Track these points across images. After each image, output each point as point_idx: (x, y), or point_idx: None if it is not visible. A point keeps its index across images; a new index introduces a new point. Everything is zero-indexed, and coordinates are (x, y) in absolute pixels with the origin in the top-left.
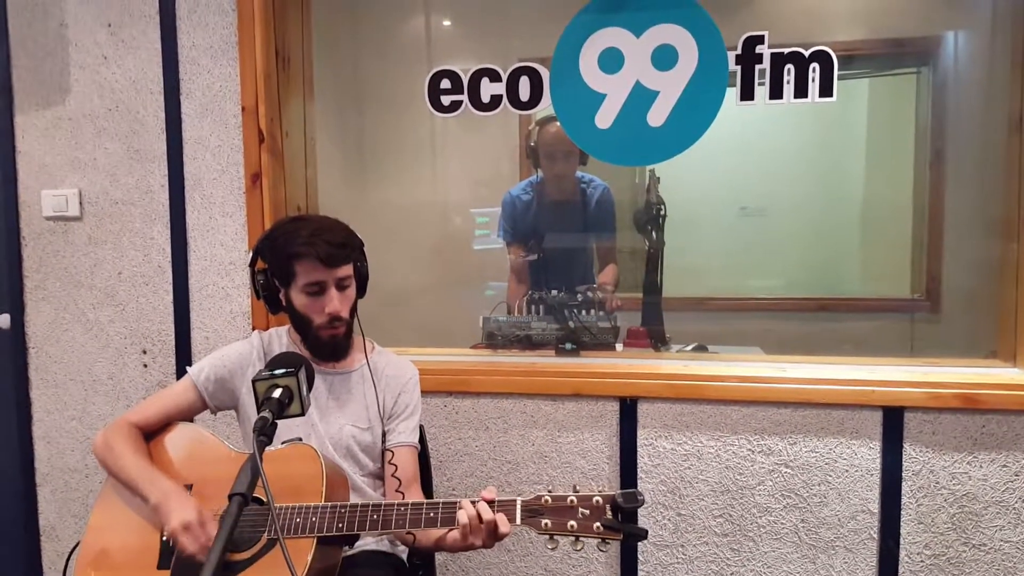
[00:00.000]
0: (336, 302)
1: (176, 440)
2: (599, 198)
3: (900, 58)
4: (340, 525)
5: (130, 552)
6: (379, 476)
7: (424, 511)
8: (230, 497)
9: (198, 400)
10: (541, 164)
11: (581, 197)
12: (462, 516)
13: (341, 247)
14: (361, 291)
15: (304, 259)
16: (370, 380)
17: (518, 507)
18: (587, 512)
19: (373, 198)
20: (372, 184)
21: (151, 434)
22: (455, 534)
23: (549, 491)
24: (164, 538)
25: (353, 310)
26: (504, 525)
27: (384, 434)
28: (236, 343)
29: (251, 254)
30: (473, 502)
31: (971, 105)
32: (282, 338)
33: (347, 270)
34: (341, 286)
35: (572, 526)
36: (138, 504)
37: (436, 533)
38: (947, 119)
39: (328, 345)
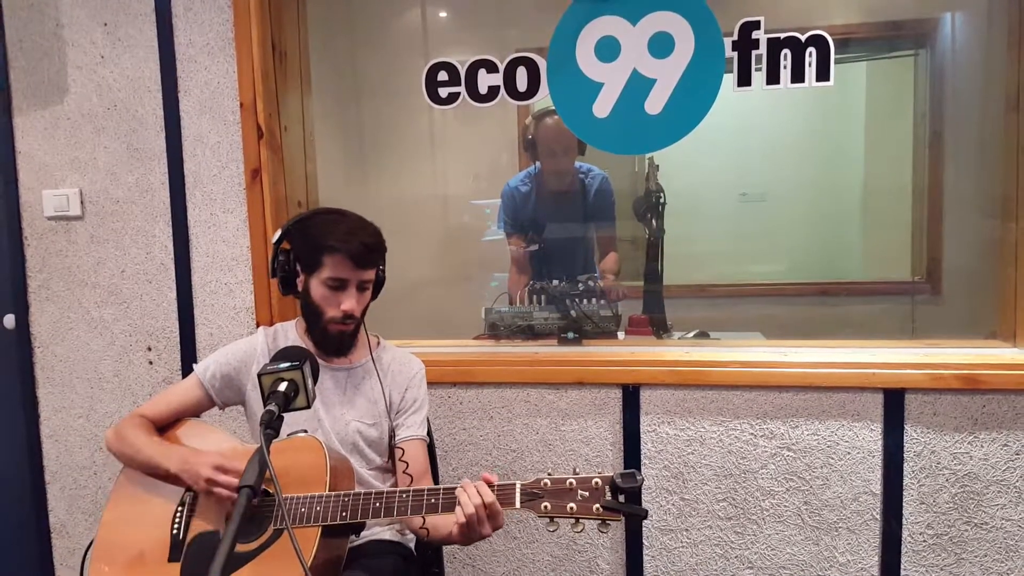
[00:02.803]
0: (353, 301)
1: (184, 436)
2: (598, 187)
3: (897, 41)
4: (344, 514)
5: (141, 546)
6: (387, 470)
7: (425, 497)
8: (239, 489)
9: (205, 398)
10: (540, 158)
11: (580, 187)
12: (462, 496)
13: (374, 251)
14: (374, 295)
15: (336, 253)
16: (375, 375)
17: (517, 490)
18: (586, 494)
19: (373, 191)
20: (372, 177)
21: (160, 430)
22: (460, 523)
23: (549, 474)
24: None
25: (365, 310)
26: (497, 503)
27: (391, 429)
28: (242, 340)
29: (278, 232)
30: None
31: (969, 86)
32: (288, 333)
33: (371, 274)
34: (361, 287)
35: (572, 508)
36: (150, 497)
37: (445, 525)
38: (945, 101)
39: (334, 340)
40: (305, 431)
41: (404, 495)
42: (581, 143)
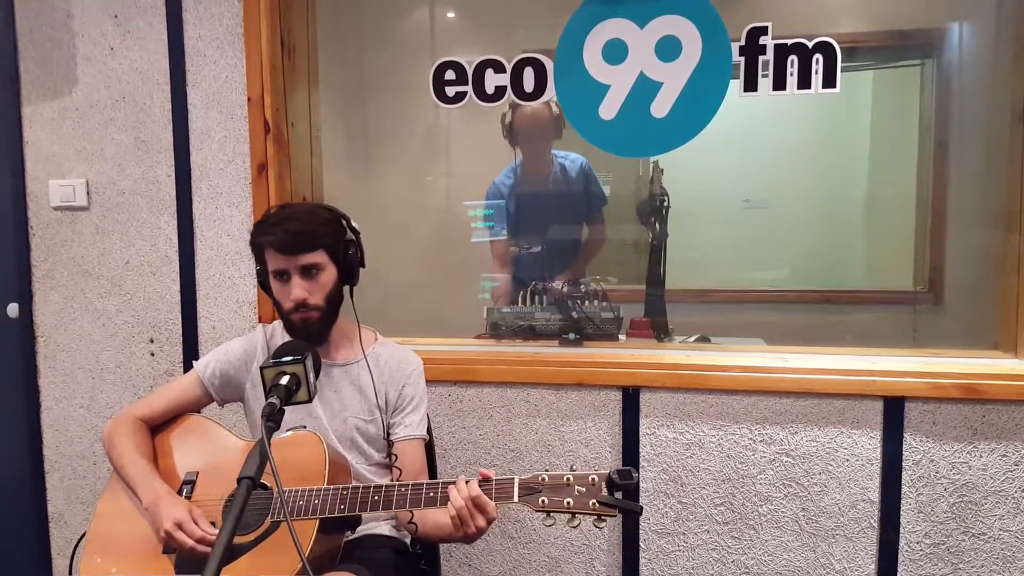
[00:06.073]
0: (299, 289)
1: (183, 431)
2: (578, 170)
3: (904, 50)
4: (342, 507)
5: (136, 538)
6: (385, 466)
7: (424, 491)
8: (239, 481)
9: (204, 395)
10: (519, 144)
11: (560, 171)
12: (452, 492)
13: (299, 235)
14: (349, 278)
15: (267, 247)
16: (371, 372)
17: (516, 485)
18: (583, 490)
19: (377, 188)
20: (376, 175)
21: (158, 426)
22: (452, 519)
23: (546, 471)
24: (163, 534)
25: (333, 297)
26: (483, 496)
27: (389, 426)
28: (240, 338)
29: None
30: (466, 481)
31: (975, 97)
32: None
33: (313, 257)
34: (307, 273)
35: (568, 503)
36: None
37: (436, 521)
38: (951, 111)
39: (300, 330)
40: (304, 427)
41: (403, 488)
42: (558, 127)
